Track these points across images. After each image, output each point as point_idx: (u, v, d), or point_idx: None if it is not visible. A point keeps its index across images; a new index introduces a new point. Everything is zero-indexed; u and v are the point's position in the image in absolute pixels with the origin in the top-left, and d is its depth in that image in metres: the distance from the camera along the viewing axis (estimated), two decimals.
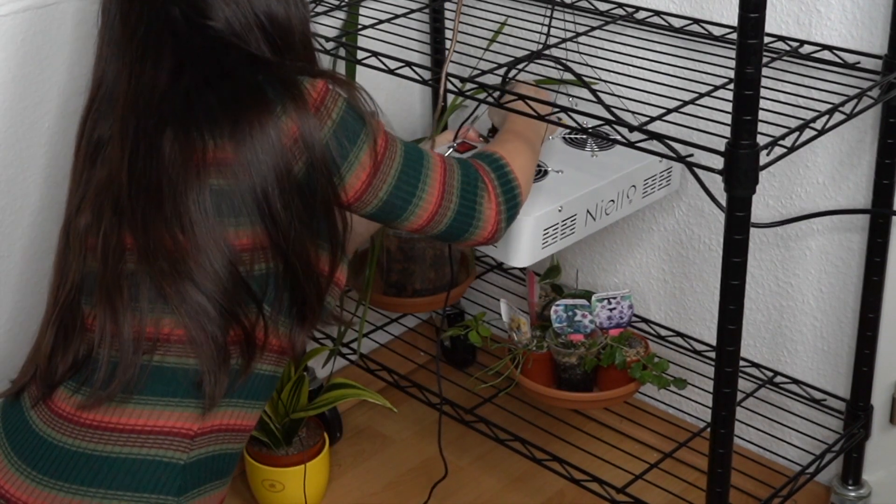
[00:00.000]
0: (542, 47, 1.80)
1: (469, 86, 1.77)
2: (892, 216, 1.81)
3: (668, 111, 1.59)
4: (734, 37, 1.48)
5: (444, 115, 2.22)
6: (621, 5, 2.00)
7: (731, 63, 1.43)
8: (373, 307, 2.14)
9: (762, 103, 1.44)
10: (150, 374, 1.34)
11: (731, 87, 1.42)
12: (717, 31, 1.90)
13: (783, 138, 1.51)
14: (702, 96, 1.64)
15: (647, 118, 1.56)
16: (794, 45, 1.82)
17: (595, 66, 1.91)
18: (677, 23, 1.94)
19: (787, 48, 1.82)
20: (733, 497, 1.68)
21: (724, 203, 1.50)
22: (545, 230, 1.73)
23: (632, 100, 1.74)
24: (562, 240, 1.77)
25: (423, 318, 2.48)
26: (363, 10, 2.10)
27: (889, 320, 1.89)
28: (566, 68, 1.68)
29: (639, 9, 1.98)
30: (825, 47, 1.79)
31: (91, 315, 1.37)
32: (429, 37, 2.22)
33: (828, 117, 1.58)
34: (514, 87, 1.77)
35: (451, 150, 1.86)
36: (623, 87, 1.76)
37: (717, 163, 1.47)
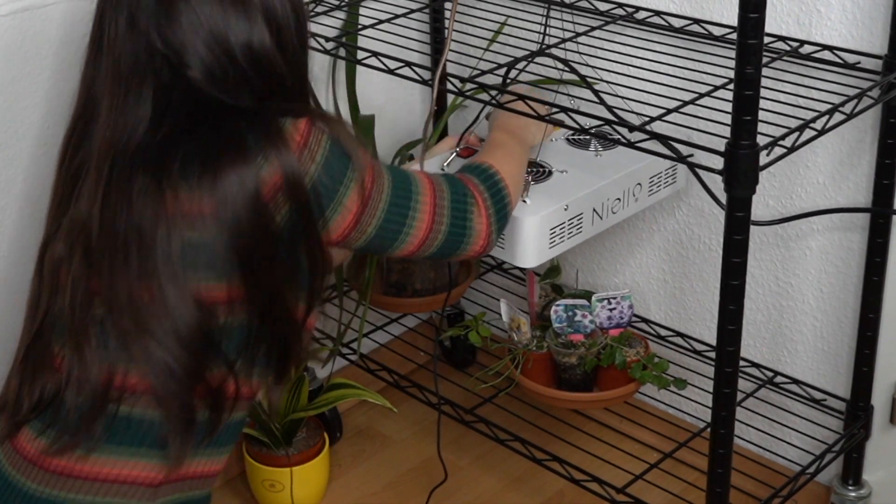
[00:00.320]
0: (541, 47, 1.80)
1: (469, 86, 1.77)
2: (893, 216, 1.81)
3: (668, 111, 1.59)
4: (734, 37, 1.48)
5: (441, 118, 2.22)
6: (621, 5, 2.00)
7: (731, 63, 1.43)
8: (373, 307, 2.14)
9: (762, 103, 1.44)
10: (116, 423, 1.32)
11: (731, 87, 1.42)
12: (717, 31, 1.90)
13: (783, 138, 1.51)
14: (702, 96, 1.64)
15: (648, 118, 1.56)
16: (794, 45, 1.82)
17: (595, 66, 1.91)
18: (677, 23, 1.94)
19: (787, 48, 1.82)
20: (733, 497, 1.68)
21: (724, 203, 1.50)
22: (552, 229, 1.73)
23: (632, 100, 1.74)
24: (569, 239, 1.76)
25: (423, 318, 2.48)
26: (363, 10, 2.10)
27: (889, 320, 1.89)
28: (570, 69, 1.68)
29: (639, 9, 1.98)
30: (825, 47, 1.79)
31: (60, 355, 1.35)
32: (429, 37, 2.22)
33: (828, 117, 1.57)
34: (514, 88, 1.77)
35: (455, 154, 1.86)
36: (623, 87, 1.76)
37: (717, 163, 1.47)
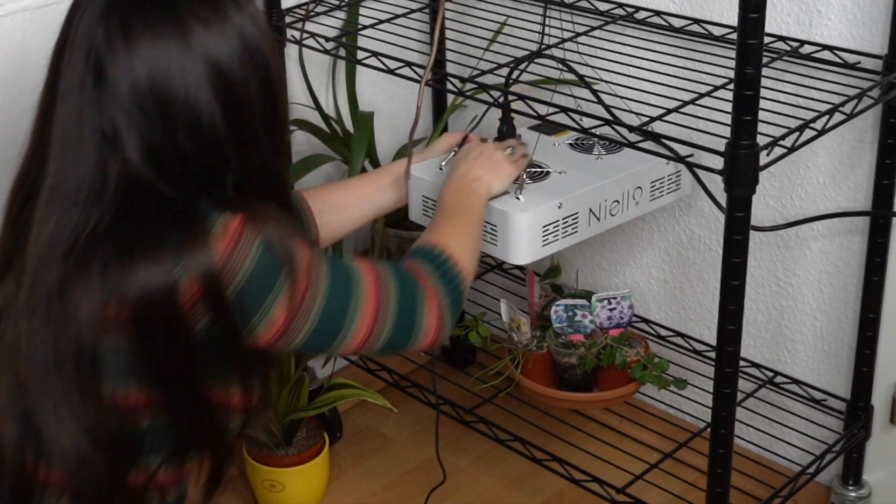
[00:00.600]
0: (540, 47, 1.80)
1: (469, 86, 1.77)
2: (893, 217, 1.81)
3: (668, 111, 1.59)
4: (734, 37, 1.48)
5: (441, 118, 2.22)
6: (621, 5, 2.00)
7: (731, 63, 1.43)
8: None
9: (762, 103, 1.44)
10: None
11: (731, 87, 1.42)
12: (717, 31, 1.90)
13: (783, 138, 1.51)
14: (702, 96, 1.64)
15: (647, 118, 1.56)
16: (795, 45, 1.82)
17: (595, 67, 1.91)
18: (677, 23, 1.94)
19: (788, 48, 1.82)
20: (733, 497, 1.68)
21: (724, 203, 1.50)
22: (545, 227, 1.72)
23: (632, 100, 1.74)
24: (563, 238, 1.76)
25: None
26: (363, 10, 2.10)
27: (889, 320, 1.89)
28: (569, 69, 1.68)
29: (639, 9, 1.98)
30: (825, 47, 1.79)
31: None
32: (429, 37, 2.22)
33: (828, 117, 1.57)
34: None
35: (453, 154, 1.85)
36: (623, 87, 1.76)
37: (717, 163, 1.47)
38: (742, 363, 2.00)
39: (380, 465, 2.25)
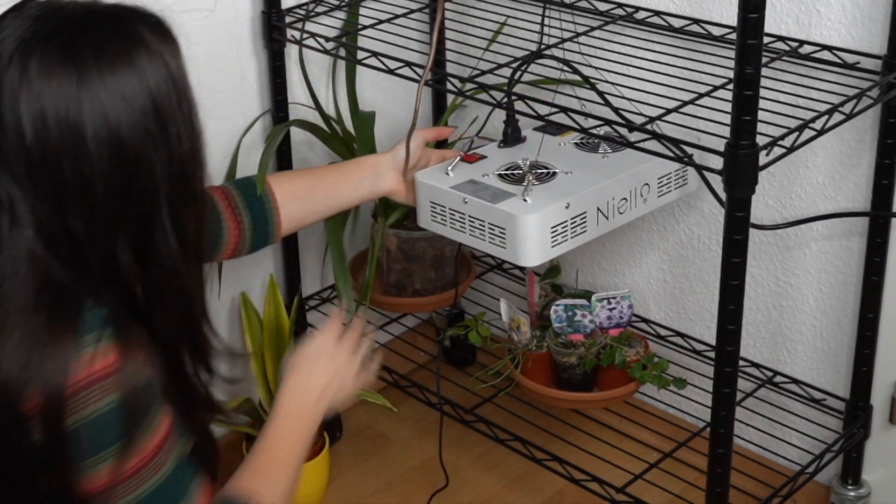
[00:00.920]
0: (540, 47, 1.80)
1: (469, 86, 1.77)
2: (892, 217, 1.81)
3: (668, 111, 1.60)
4: (734, 37, 1.48)
5: (441, 118, 2.22)
6: (621, 5, 2.00)
7: (731, 63, 1.43)
8: (373, 307, 2.14)
9: (762, 103, 1.45)
10: None
11: (731, 87, 1.42)
12: (716, 31, 1.90)
13: (783, 138, 1.51)
14: (701, 96, 1.64)
15: (647, 118, 1.56)
16: (794, 45, 1.83)
17: (595, 67, 1.91)
18: (677, 23, 1.94)
19: (787, 48, 1.82)
20: (733, 497, 1.68)
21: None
22: (553, 228, 1.72)
23: (632, 100, 1.74)
24: (573, 238, 1.76)
25: (423, 318, 2.48)
26: (363, 10, 2.10)
27: (888, 320, 1.89)
28: (572, 69, 1.68)
29: (639, 9, 1.99)
30: (825, 47, 1.80)
31: None
32: (429, 37, 2.22)
33: (827, 117, 1.58)
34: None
35: (458, 160, 1.85)
36: (623, 87, 1.76)
37: (717, 163, 1.47)
38: (741, 363, 2.00)
39: (380, 464, 2.26)
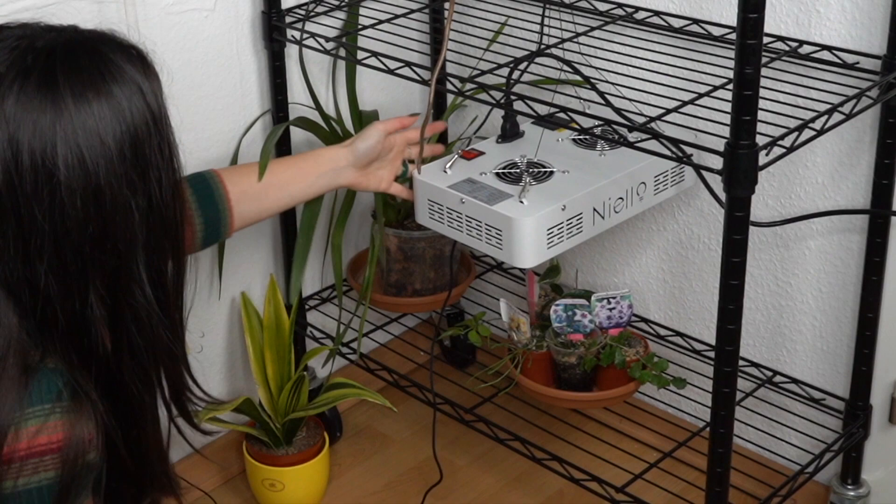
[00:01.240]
0: (540, 47, 1.80)
1: (469, 86, 1.77)
2: (892, 216, 1.81)
3: (668, 111, 1.60)
4: (734, 37, 1.48)
5: (441, 118, 2.22)
6: (621, 5, 2.01)
7: (731, 63, 1.43)
8: (373, 307, 2.14)
9: (761, 103, 1.45)
10: None
11: (731, 87, 1.42)
12: (716, 32, 1.90)
13: (782, 138, 1.51)
14: (701, 96, 1.64)
15: (647, 118, 1.57)
16: (794, 45, 1.83)
17: (594, 67, 1.91)
18: (677, 23, 1.95)
19: (787, 48, 1.82)
20: (733, 496, 1.68)
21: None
22: (549, 230, 1.73)
23: (631, 100, 1.74)
24: (569, 239, 1.76)
25: (423, 317, 2.48)
26: (363, 10, 2.10)
27: (888, 320, 1.89)
28: (573, 69, 1.69)
29: (638, 9, 1.99)
30: (824, 47, 1.80)
31: None
32: (429, 37, 2.22)
33: (827, 117, 1.58)
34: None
35: (457, 157, 1.86)
36: (622, 87, 1.76)
37: (717, 163, 1.47)
38: (741, 362, 2.00)
39: (380, 464, 2.26)
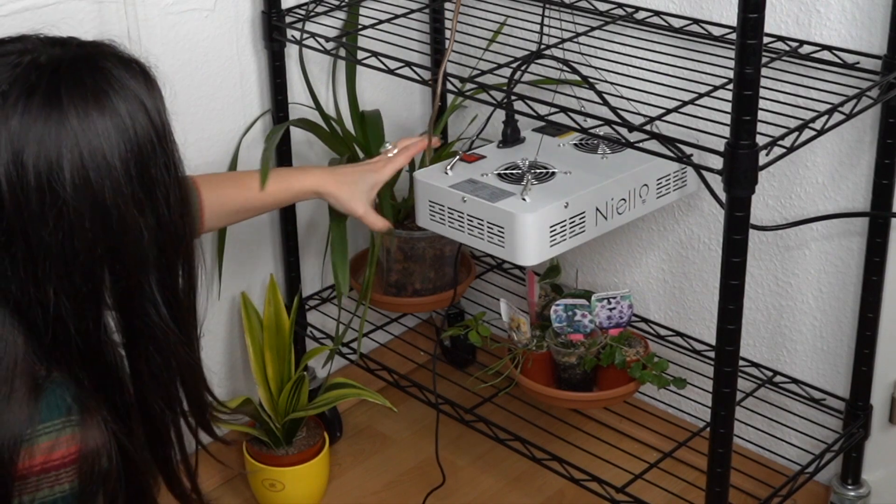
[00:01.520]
0: (540, 47, 1.80)
1: (469, 86, 1.77)
2: (892, 217, 1.81)
3: (668, 111, 1.60)
4: (734, 37, 1.48)
5: (441, 118, 2.22)
6: (621, 5, 2.01)
7: (731, 63, 1.43)
8: (373, 307, 2.14)
9: (761, 103, 1.45)
10: None
11: (731, 87, 1.42)
12: (716, 31, 1.90)
13: (782, 138, 1.51)
14: (701, 96, 1.64)
15: (647, 118, 1.57)
16: (794, 45, 1.83)
17: (594, 67, 1.91)
18: (677, 23, 1.94)
19: (787, 48, 1.82)
20: (733, 496, 1.68)
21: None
22: (552, 227, 1.73)
23: (631, 100, 1.74)
24: (571, 238, 1.76)
25: (423, 317, 2.48)
26: (363, 10, 2.10)
27: (888, 320, 1.89)
28: (572, 69, 1.68)
29: (638, 9, 1.99)
30: (824, 47, 1.80)
31: None
32: (429, 37, 2.22)
33: (827, 117, 1.58)
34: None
35: (458, 159, 1.85)
36: (623, 87, 1.76)
37: (717, 163, 1.47)
38: (741, 363, 2.00)
39: (380, 464, 2.26)
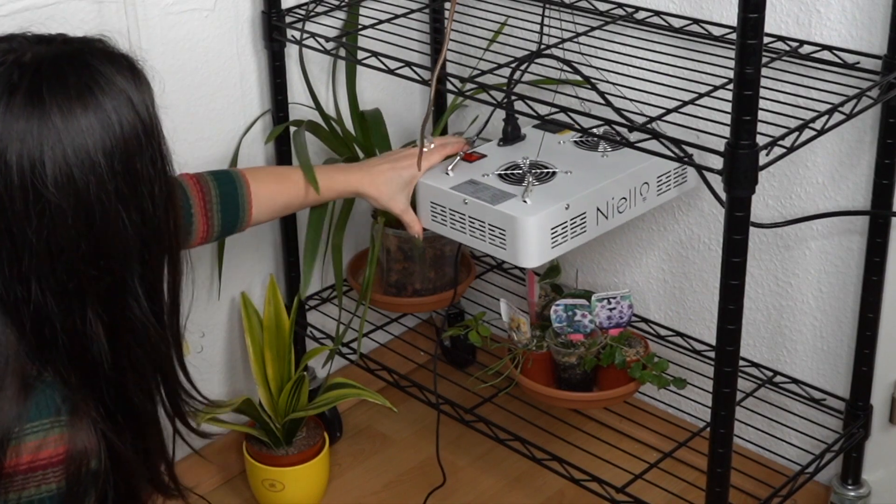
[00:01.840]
0: (540, 47, 1.80)
1: (469, 86, 1.77)
2: (893, 217, 1.81)
3: (668, 111, 1.60)
4: (734, 37, 1.48)
5: (441, 118, 2.22)
6: (621, 5, 2.00)
7: (731, 63, 1.43)
8: (373, 307, 2.14)
9: (762, 103, 1.45)
10: None
11: (731, 87, 1.42)
12: (716, 31, 1.90)
13: (783, 138, 1.51)
14: (701, 96, 1.64)
15: (648, 118, 1.56)
16: (794, 45, 1.83)
17: (595, 67, 1.91)
18: (677, 23, 1.94)
19: (787, 48, 1.82)
20: (733, 497, 1.68)
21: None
22: (553, 229, 1.72)
23: (632, 100, 1.74)
24: (573, 239, 1.76)
25: (423, 317, 2.48)
26: (363, 10, 2.10)
27: (888, 320, 1.89)
28: (573, 69, 1.68)
29: (639, 9, 1.99)
30: (825, 47, 1.80)
31: None
32: (429, 37, 2.22)
33: (827, 117, 1.58)
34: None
35: (459, 158, 1.85)
36: (623, 87, 1.76)
37: (717, 163, 1.47)
38: (741, 363, 2.00)
39: (380, 464, 2.26)
